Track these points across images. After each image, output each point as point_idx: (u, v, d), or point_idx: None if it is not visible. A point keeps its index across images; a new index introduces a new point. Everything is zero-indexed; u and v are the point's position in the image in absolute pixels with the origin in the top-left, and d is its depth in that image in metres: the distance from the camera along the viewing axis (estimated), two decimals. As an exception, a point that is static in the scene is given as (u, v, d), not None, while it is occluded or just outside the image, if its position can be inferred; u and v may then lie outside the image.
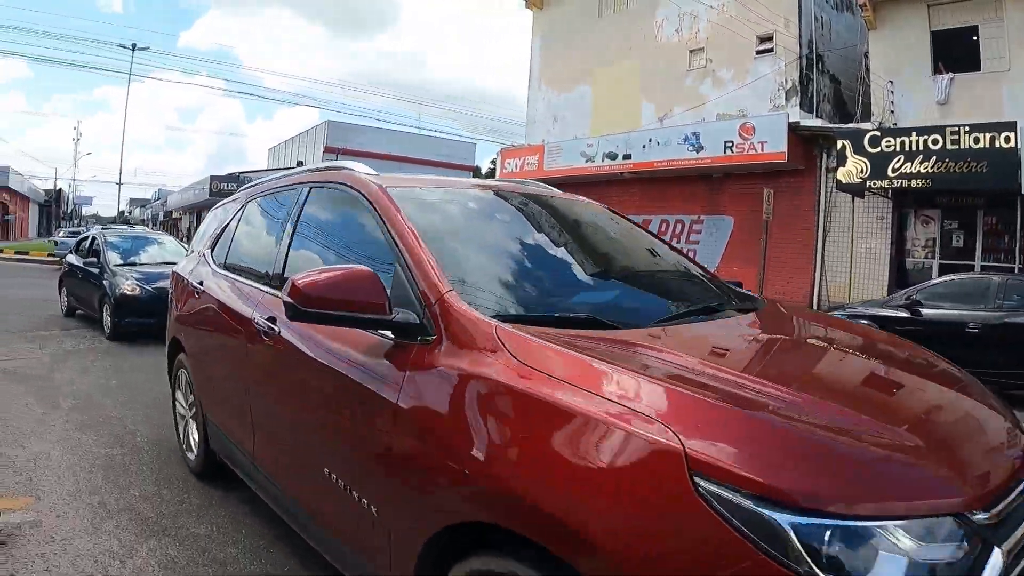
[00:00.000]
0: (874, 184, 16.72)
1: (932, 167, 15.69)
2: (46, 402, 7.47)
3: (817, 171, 19.58)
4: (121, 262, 13.20)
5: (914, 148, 15.95)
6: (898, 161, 16.18)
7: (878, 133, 16.71)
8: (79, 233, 28.59)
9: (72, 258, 14.85)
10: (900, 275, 18.27)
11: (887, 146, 16.43)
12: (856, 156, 16.88)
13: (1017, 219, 16.66)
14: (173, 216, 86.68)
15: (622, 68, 25.11)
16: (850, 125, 19.25)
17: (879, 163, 16.50)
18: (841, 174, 17.12)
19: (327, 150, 65.42)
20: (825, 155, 19.36)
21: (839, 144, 17.19)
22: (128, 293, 11.83)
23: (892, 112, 18.65)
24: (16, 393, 7.80)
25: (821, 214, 19.49)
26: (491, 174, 79.44)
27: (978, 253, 17.48)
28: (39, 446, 5.86)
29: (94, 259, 13.53)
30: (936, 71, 18.14)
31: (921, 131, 16.01)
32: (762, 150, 19.22)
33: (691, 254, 21.33)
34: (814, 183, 19.62)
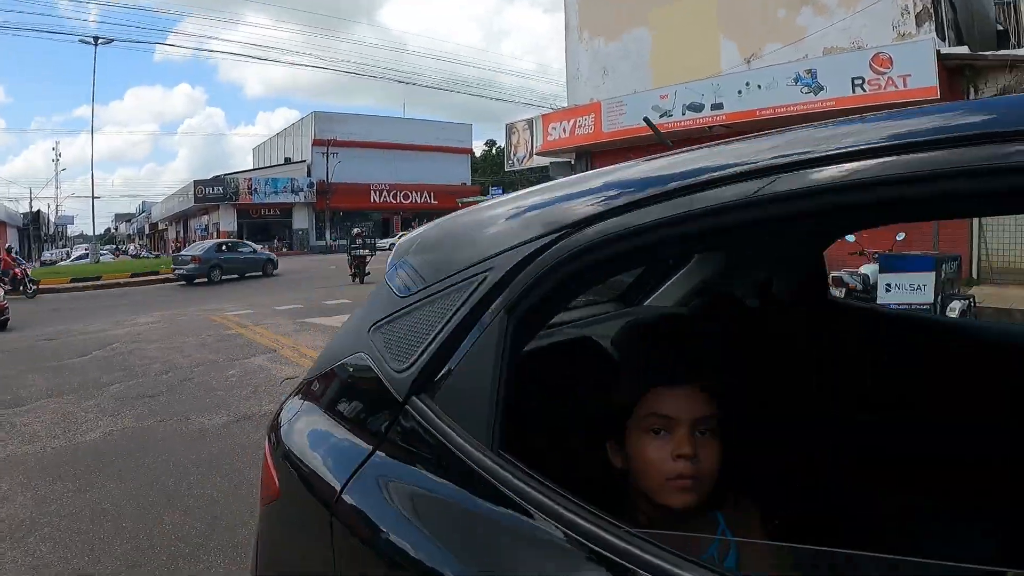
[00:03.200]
0: None
1: None
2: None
3: (966, 107, 16.06)
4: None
5: None
6: None
7: None
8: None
9: None
10: None
11: None
12: None
13: None
14: (159, 228, 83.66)
15: (689, 2, 21.76)
16: (1009, 51, 16.05)
17: None
18: None
19: (316, 143, 62.06)
20: (973, 90, 16.59)
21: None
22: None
23: None
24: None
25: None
26: (486, 157, 75.56)
27: None
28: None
29: None
30: None
31: None
32: (905, 86, 16.27)
33: None
34: (962, 122, 16.05)
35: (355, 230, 26.83)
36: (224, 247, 31.10)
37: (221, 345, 11.81)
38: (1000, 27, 18.82)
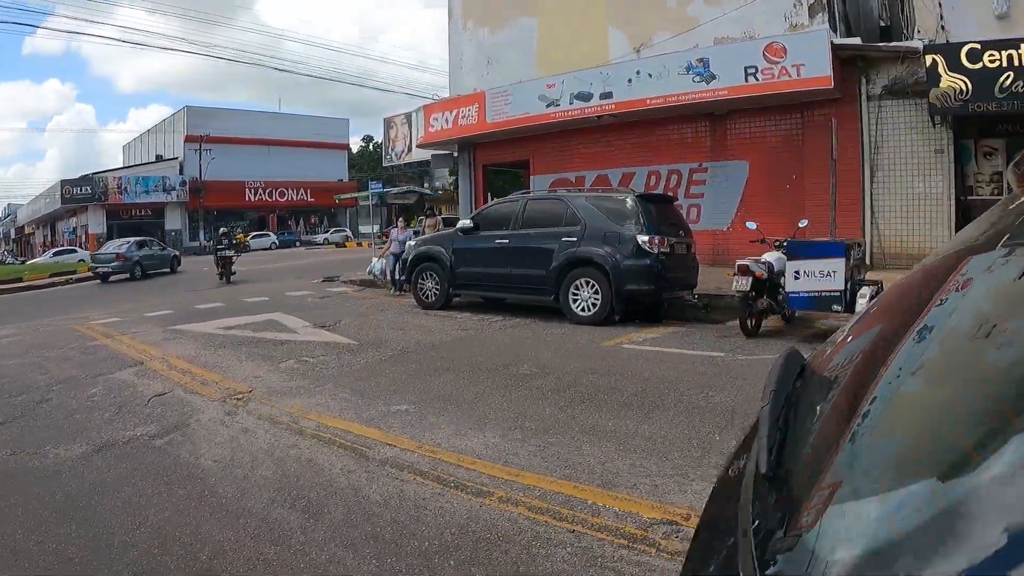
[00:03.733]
0: (978, 106, 13.74)
1: None
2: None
3: (858, 99, 16.31)
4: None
5: None
6: (1007, 78, 13.29)
7: (979, 46, 13.66)
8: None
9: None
10: (964, 219, 15.49)
11: (991, 61, 13.48)
12: (953, 74, 13.77)
13: None
14: (25, 232, 78.03)
15: (578, -9, 20.74)
16: (902, 43, 15.84)
17: (983, 81, 13.52)
18: (934, 96, 13.97)
19: (188, 139, 58.80)
20: (865, 80, 16.23)
21: (928, 60, 14.01)
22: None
23: (943, 28, 15.72)
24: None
25: (866, 150, 16.24)
26: (363, 153, 73.56)
27: None
28: None
29: None
30: None
31: None
32: (799, 75, 15.65)
33: (695, 210, 17.59)
34: (856, 114, 16.30)
35: (221, 230, 26.54)
36: (143, 244, 31.42)
37: (86, 359, 10.01)
38: (883, 23, 18.57)
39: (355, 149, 74.13)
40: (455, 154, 23.81)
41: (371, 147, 75.35)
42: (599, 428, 5.96)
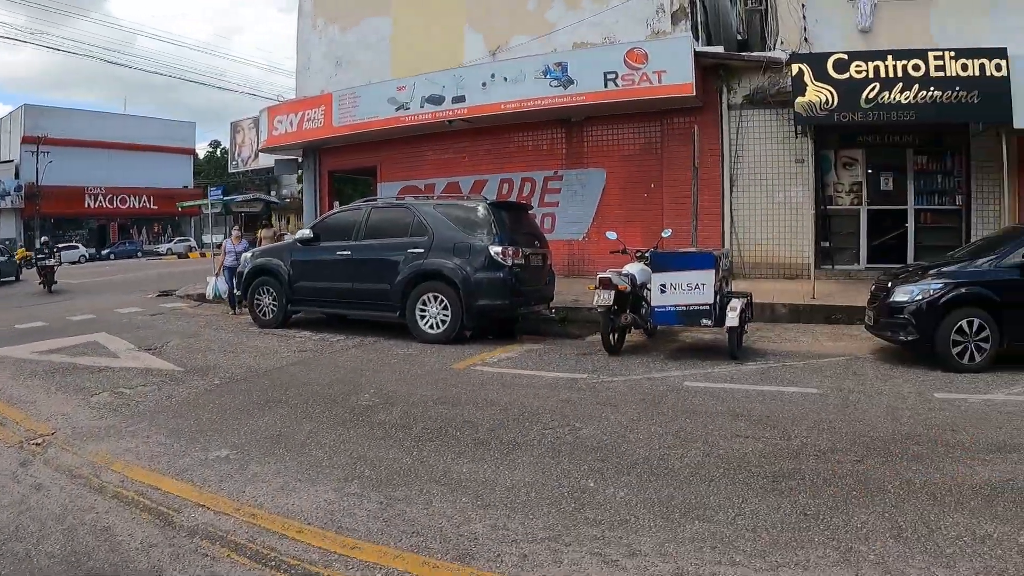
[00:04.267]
0: (843, 116, 13.27)
1: (915, 96, 12.88)
2: None
3: (719, 108, 15.84)
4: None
5: (892, 74, 12.97)
6: (873, 89, 12.99)
7: (845, 56, 13.26)
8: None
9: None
10: (824, 228, 15.62)
11: (858, 71, 13.12)
12: (819, 84, 13.21)
13: (947, 158, 15.47)
14: None
15: (434, -10, 19.47)
16: (764, 53, 15.47)
17: (849, 92, 13.10)
18: (800, 105, 13.31)
19: (25, 140, 54.13)
20: (727, 89, 15.83)
21: (795, 69, 13.39)
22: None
23: (807, 40, 15.47)
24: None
25: (727, 159, 15.83)
26: (211, 158, 70.18)
27: (911, 196, 15.53)
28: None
29: None
30: None
31: (899, 54, 13.08)
32: (659, 82, 14.97)
33: (549, 219, 16.81)
34: (717, 123, 15.80)
35: (43, 239, 25.60)
36: None
37: None
38: (740, 37, 18.22)
39: (202, 155, 70.33)
40: (299, 160, 22.16)
41: (219, 152, 71.74)
42: (452, 475, 5.14)
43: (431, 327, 10.84)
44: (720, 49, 15.93)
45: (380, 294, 11.29)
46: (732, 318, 9.05)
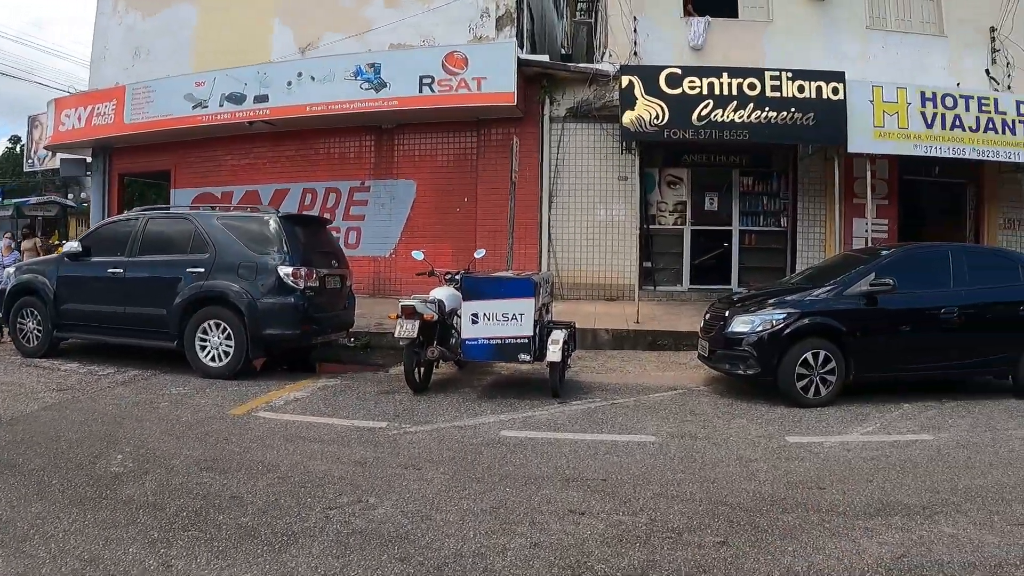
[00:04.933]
0: (674, 132, 12.76)
1: (749, 115, 12.59)
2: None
3: (540, 120, 14.98)
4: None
5: (727, 92, 12.64)
6: (706, 107, 12.59)
7: (679, 71, 12.76)
8: None
9: None
10: (647, 248, 15.05)
11: (691, 87, 12.66)
12: (650, 98, 12.64)
13: (773, 180, 15.48)
14: None
15: (243, -22, 17.63)
16: (592, 64, 14.83)
17: (681, 108, 12.60)
18: (628, 120, 12.68)
19: None
20: (550, 101, 15.00)
21: (625, 81, 12.73)
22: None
23: (636, 54, 14.84)
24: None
25: (546, 174, 14.96)
26: (9, 155, 64.56)
27: (736, 217, 15.33)
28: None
29: None
30: (686, 12, 15.27)
31: (735, 72, 12.77)
32: (479, 89, 13.96)
33: (355, 234, 15.66)
34: (538, 136, 14.92)
35: None
36: None
37: None
38: (564, 51, 17.52)
39: (0, 151, 64.29)
40: (88, 160, 19.84)
41: (19, 149, 66.01)
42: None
43: (213, 359, 9.28)
44: (546, 58, 15.18)
45: (155, 320, 9.58)
46: (554, 352, 8.05)
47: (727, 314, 8.65)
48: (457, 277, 9.03)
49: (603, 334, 11.74)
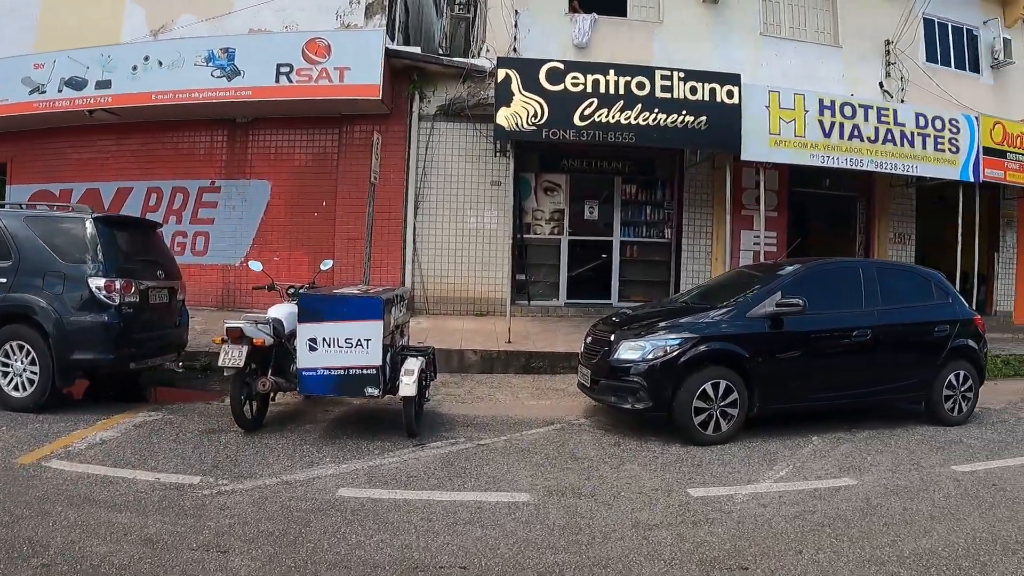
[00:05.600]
0: (553, 133, 11.64)
1: (637, 117, 11.66)
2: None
3: (408, 118, 13.83)
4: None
5: (613, 91, 11.68)
6: (590, 106, 11.58)
7: (561, 66, 11.72)
8: None
9: None
10: (520, 259, 14.14)
11: (574, 84, 11.64)
12: (528, 95, 11.53)
13: (658, 189, 14.74)
14: None
15: (91, -48, 15.95)
16: (467, 59, 13.92)
17: (562, 106, 11.56)
18: (503, 117, 11.51)
19: None
20: (419, 97, 13.91)
21: (501, 75, 11.60)
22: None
23: (515, 50, 13.87)
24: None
25: (412, 176, 13.81)
26: None
27: (617, 228, 14.50)
28: None
29: None
30: (572, 8, 14.46)
31: (623, 70, 11.83)
32: (341, 80, 12.73)
33: (203, 239, 14.27)
34: (405, 135, 13.77)
35: None
36: None
37: None
38: (441, 50, 16.46)
39: None
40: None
41: None
42: None
43: (16, 388, 7.71)
44: (417, 50, 13.96)
45: None
46: (408, 385, 6.79)
47: (612, 338, 7.58)
48: (301, 291, 7.75)
49: (471, 355, 10.61)
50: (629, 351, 7.30)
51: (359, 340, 6.72)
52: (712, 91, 11.84)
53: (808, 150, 12.43)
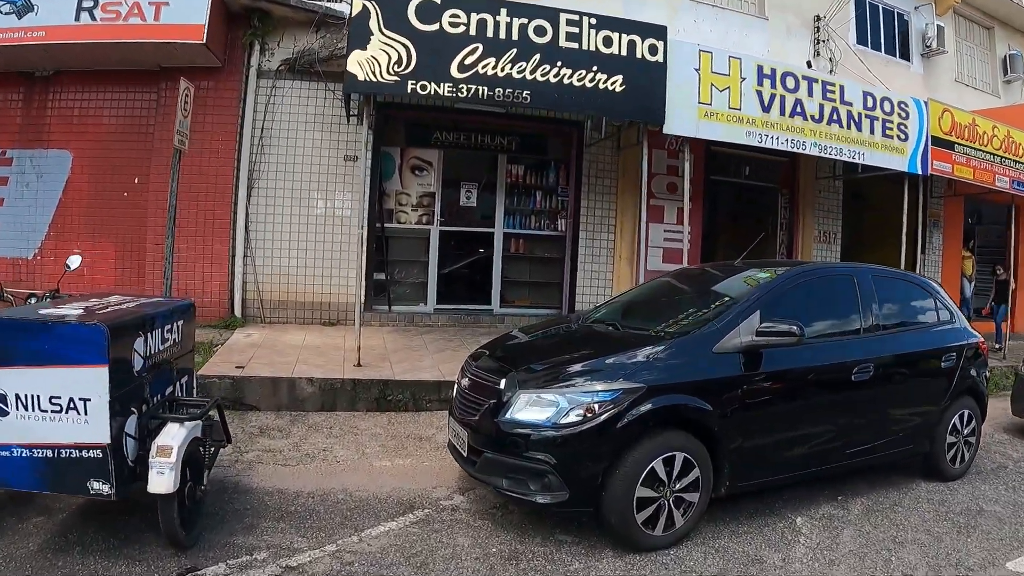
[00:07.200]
0: (422, 86, 8.81)
1: (534, 71, 9.10)
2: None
3: (244, 73, 11.20)
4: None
5: (505, 35, 9.02)
6: (473, 51, 8.88)
7: (438, 0, 8.91)
8: None
9: None
10: (380, 253, 11.75)
11: (453, 24, 8.90)
12: (390, 35, 8.70)
13: (550, 171, 12.51)
14: None
15: None
16: (322, 3, 11.35)
17: (436, 51, 8.82)
18: (355, 62, 8.66)
19: None
20: (260, 48, 11.28)
21: (358, 6, 8.68)
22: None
23: None
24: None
25: (246, 148, 11.17)
26: None
27: (500, 217, 12.25)
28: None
29: None
30: None
31: (518, 10, 9.14)
32: (156, 19, 10.03)
33: None
34: (239, 94, 11.18)
35: None
36: None
37: None
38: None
39: None
40: None
41: None
42: None
43: None
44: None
45: None
46: (163, 475, 4.08)
47: (503, 384, 4.97)
48: (47, 299, 5.51)
49: (306, 386, 7.88)
50: (532, 409, 4.75)
51: (71, 400, 3.93)
52: (631, 44, 9.51)
53: (744, 126, 10.21)
